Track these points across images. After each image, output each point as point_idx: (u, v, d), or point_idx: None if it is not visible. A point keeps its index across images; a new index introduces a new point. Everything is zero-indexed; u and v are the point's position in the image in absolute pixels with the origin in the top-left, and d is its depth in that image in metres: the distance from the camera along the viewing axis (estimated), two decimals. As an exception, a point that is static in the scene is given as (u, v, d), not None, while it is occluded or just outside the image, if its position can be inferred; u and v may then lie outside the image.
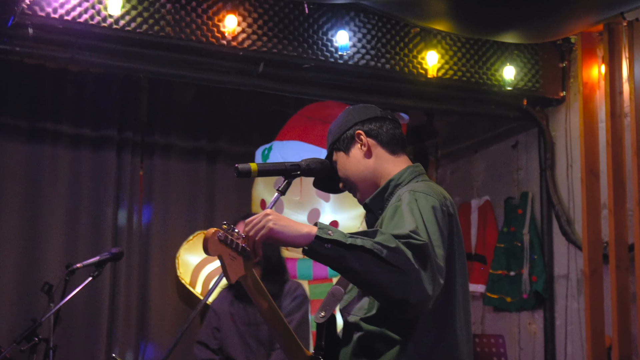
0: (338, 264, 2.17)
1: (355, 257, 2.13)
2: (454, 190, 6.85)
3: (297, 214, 5.50)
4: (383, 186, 2.53)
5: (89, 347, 5.56)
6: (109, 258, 4.39)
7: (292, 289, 4.34)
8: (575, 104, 5.69)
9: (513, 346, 6.10)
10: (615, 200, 5.08)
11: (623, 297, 4.99)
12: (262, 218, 2.25)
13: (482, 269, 6.33)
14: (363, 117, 2.62)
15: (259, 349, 4.32)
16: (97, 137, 5.83)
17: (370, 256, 2.12)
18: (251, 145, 6.01)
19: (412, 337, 2.29)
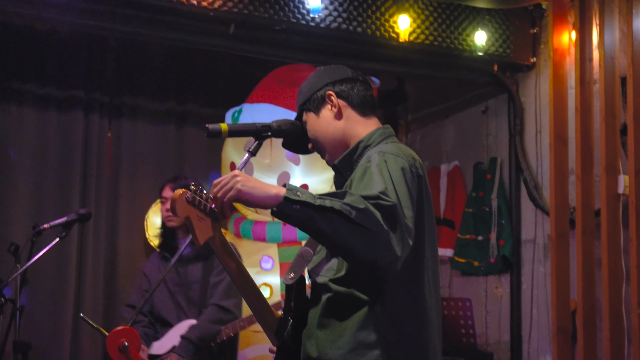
0: (307, 225, 2.16)
1: (324, 218, 2.12)
2: (423, 154, 6.87)
3: (266, 177, 5.48)
4: (352, 147, 2.52)
5: (56, 308, 5.54)
6: (76, 219, 4.36)
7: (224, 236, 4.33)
8: (545, 70, 5.71)
9: (480, 309, 6.17)
10: (582, 167, 5.12)
11: (588, 262, 5.05)
12: (230, 179, 2.24)
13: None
14: (334, 78, 2.60)
15: (190, 308, 4.36)
16: (64, 97, 5.75)
17: (339, 217, 2.11)
18: (221, 107, 5.96)
19: (381, 297, 2.30)
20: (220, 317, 4.24)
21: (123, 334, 2.38)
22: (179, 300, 4.40)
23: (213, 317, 4.23)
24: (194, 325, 4.25)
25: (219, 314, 4.25)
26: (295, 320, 2.44)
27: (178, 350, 4.17)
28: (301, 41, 5.25)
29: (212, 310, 4.27)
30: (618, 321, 4.84)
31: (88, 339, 5.58)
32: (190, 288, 4.40)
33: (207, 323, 4.23)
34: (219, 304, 4.28)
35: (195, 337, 4.18)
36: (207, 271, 4.39)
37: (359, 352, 2.28)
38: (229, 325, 4.20)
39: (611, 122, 4.96)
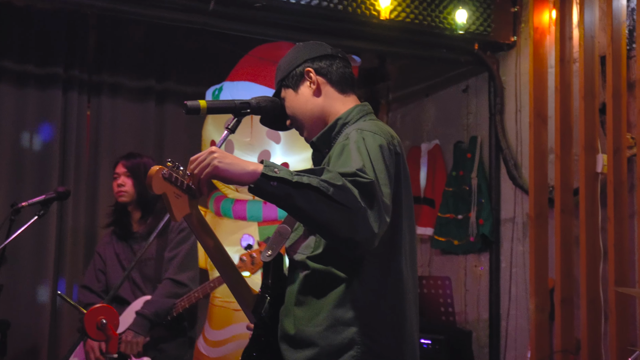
0: (284, 202, 2.16)
1: (301, 195, 2.12)
2: (404, 133, 6.88)
3: (247, 155, 5.47)
4: (330, 124, 2.51)
5: (35, 286, 5.52)
6: (55, 197, 4.33)
7: (178, 223, 4.33)
8: (525, 49, 5.72)
9: (459, 288, 6.21)
10: (562, 145, 5.14)
11: (567, 241, 5.09)
12: (207, 156, 2.23)
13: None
14: (313, 55, 2.59)
15: (146, 284, 4.36)
16: (43, 74, 5.70)
17: (316, 194, 2.11)
18: (201, 85, 5.93)
19: (358, 275, 2.31)
20: (175, 291, 4.23)
21: (101, 311, 2.38)
22: (134, 278, 4.39)
23: (167, 292, 4.22)
24: (148, 301, 4.23)
25: (174, 288, 4.24)
26: (272, 297, 2.44)
27: (133, 327, 4.15)
28: (281, 18, 5.23)
29: (166, 284, 4.26)
30: (595, 299, 4.89)
31: (67, 317, 5.57)
32: (145, 265, 4.40)
33: (162, 298, 4.21)
34: (173, 278, 4.27)
35: (149, 312, 4.16)
36: (162, 247, 4.38)
37: (336, 329, 2.29)
38: (184, 298, 4.20)
39: (590, 101, 4.99)
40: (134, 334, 4.13)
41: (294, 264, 2.43)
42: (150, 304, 4.20)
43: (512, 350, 5.69)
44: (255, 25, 5.28)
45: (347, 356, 2.28)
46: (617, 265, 4.70)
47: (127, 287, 4.40)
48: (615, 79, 4.81)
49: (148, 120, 6.07)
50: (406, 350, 2.37)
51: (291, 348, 2.36)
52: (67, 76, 5.77)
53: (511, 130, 5.86)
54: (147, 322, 4.15)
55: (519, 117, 5.79)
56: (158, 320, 4.18)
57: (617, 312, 4.66)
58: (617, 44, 4.83)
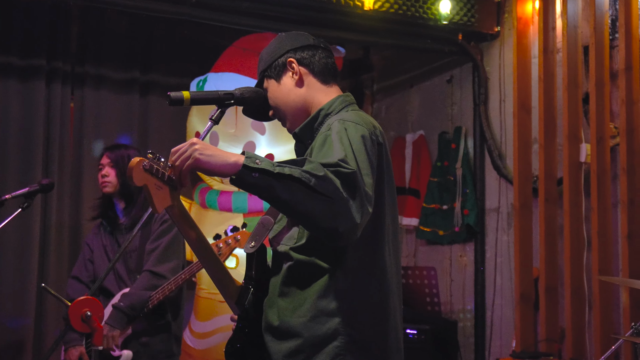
0: (266, 193, 2.15)
1: (283, 186, 2.12)
2: (389, 124, 6.88)
3: (232, 146, 5.46)
4: (313, 115, 2.51)
5: (20, 278, 5.49)
6: (39, 189, 4.29)
7: (161, 215, 4.31)
8: (509, 39, 5.73)
9: (444, 278, 6.23)
10: (545, 135, 5.16)
11: (551, 230, 5.12)
12: (189, 147, 2.22)
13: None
14: (295, 45, 2.58)
15: (130, 277, 4.35)
16: (25, 66, 5.66)
17: (298, 185, 2.11)
18: (186, 77, 5.91)
19: (341, 266, 2.31)
20: (153, 283, 4.20)
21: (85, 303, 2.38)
22: (119, 270, 4.37)
23: (145, 284, 4.20)
24: (125, 294, 4.21)
25: (152, 280, 4.21)
26: (256, 288, 2.44)
27: (109, 320, 4.12)
28: (266, 9, 5.22)
29: (144, 276, 4.24)
30: (579, 288, 4.92)
31: (52, 309, 5.55)
32: (129, 256, 4.38)
33: (138, 290, 4.19)
34: (152, 270, 4.24)
35: (125, 305, 4.14)
36: (145, 239, 4.36)
37: (320, 320, 2.29)
38: (159, 290, 4.18)
39: (574, 91, 5.01)
40: (109, 327, 4.11)
41: (277, 255, 2.42)
42: (126, 296, 4.18)
43: (497, 340, 5.72)
44: (239, 16, 5.27)
45: (331, 347, 2.28)
46: (600, 254, 4.73)
47: (113, 279, 4.38)
48: (598, 69, 4.83)
49: (132, 111, 6.04)
50: (390, 340, 2.37)
51: (275, 339, 2.36)
52: (50, 68, 5.73)
53: (495, 120, 5.87)
54: (123, 315, 4.12)
55: (503, 108, 5.80)
56: (134, 313, 4.15)
57: (601, 301, 4.69)
58: (600, 34, 4.85)
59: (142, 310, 4.15)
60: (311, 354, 2.29)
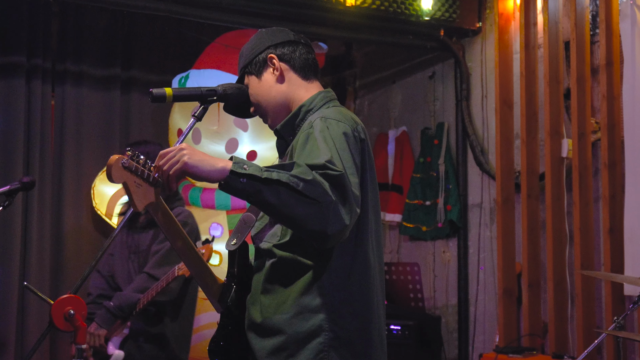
0: (254, 198, 2.15)
1: (271, 190, 2.12)
2: (371, 120, 6.89)
3: (215, 144, 5.44)
4: (294, 112, 2.51)
5: (1, 277, 5.45)
6: (20, 187, 4.25)
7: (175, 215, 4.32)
8: (491, 35, 5.75)
9: (428, 274, 6.25)
10: (527, 131, 5.18)
11: (533, 225, 5.14)
12: (177, 152, 2.22)
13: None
14: (276, 41, 2.58)
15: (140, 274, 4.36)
16: (5, 63, 5.60)
17: (286, 189, 2.11)
18: (167, 73, 5.88)
19: (325, 262, 2.31)
20: (147, 285, 4.20)
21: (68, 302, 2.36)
22: (131, 268, 4.38)
23: (139, 286, 4.20)
24: (117, 294, 4.22)
25: (147, 283, 4.21)
26: (238, 286, 2.43)
27: (97, 319, 4.14)
28: (247, 5, 5.21)
29: (141, 278, 4.25)
30: (562, 283, 4.94)
31: (35, 308, 5.51)
32: (141, 256, 4.38)
33: (130, 292, 4.19)
34: (149, 272, 4.24)
35: (113, 306, 4.14)
36: (155, 239, 4.36)
37: (304, 317, 2.29)
38: (146, 293, 4.18)
39: (555, 87, 5.03)
40: (96, 326, 4.11)
41: (260, 252, 2.42)
42: (118, 297, 4.18)
43: (480, 335, 5.75)
44: (221, 12, 5.25)
45: (314, 343, 2.28)
46: (583, 249, 4.76)
47: (126, 277, 4.38)
48: (579, 65, 4.86)
49: (114, 109, 6.00)
50: (373, 336, 2.38)
51: (258, 336, 2.36)
52: (30, 65, 5.68)
53: (477, 116, 5.89)
54: (110, 315, 4.12)
55: (485, 103, 5.82)
56: (122, 314, 4.14)
57: (583, 295, 4.72)
58: (581, 30, 4.88)
59: (131, 312, 4.14)
60: (295, 351, 2.29)
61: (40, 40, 5.73)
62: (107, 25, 6.00)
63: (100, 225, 5.83)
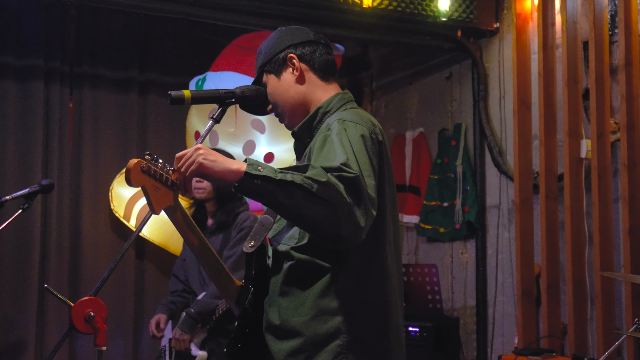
0: (268, 199, 2.15)
1: (285, 192, 2.11)
2: (388, 122, 6.87)
3: (232, 145, 5.45)
4: (311, 114, 2.50)
5: (21, 280, 5.48)
6: (39, 190, 4.29)
7: (241, 221, 4.42)
8: (508, 35, 5.72)
9: (446, 275, 6.22)
10: (546, 131, 5.15)
11: (552, 226, 5.11)
12: (193, 152, 2.22)
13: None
14: (296, 40, 2.56)
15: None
16: (23, 66, 5.64)
17: (300, 191, 2.10)
18: (184, 76, 5.89)
19: (343, 265, 2.30)
20: None
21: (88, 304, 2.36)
22: (203, 273, 4.44)
23: (215, 292, 4.27)
24: (197, 300, 4.35)
25: None
26: (256, 288, 2.43)
27: (180, 325, 4.32)
28: (264, 7, 5.21)
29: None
30: (581, 284, 4.91)
31: (54, 310, 5.54)
32: None
33: (209, 298, 4.30)
34: None
35: (194, 312, 4.29)
36: (225, 244, 4.42)
37: (322, 319, 2.28)
38: (224, 300, 4.24)
39: (573, 87, 5.00)
40: (180, 332, 4.29)
41: (278, 255, 2.41)
42: (197, 303, 4.34)
43: (499, 337, 5.72)
44: (238, 14, 5.26)
45: (333, 345, 2.28)
46: (602, 250, 4.73)
47: (198, 281, 4.48)
48: (598, 65, 4.82)
49: (131, 111, 6.03)
50: (392, 338, 2.37)
51: (276, 338, 2.35)
52: (48, 68, 5.71)
53: (495, 117, 5.87)
54: (192, 321, 4.28)
55: (503, 104, 5.79)
56: (202, 319, 4.30)
57: (603, 297, 4.69)
58: (600, 30, 4.84)
59: (211, 317, 4.28)
60: (313, 353, 2.28)
61: (57, 43, 5.77)
62: (123, 28, 6.02)
63: (118, 227, 5.85)
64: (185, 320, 4.31)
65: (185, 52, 6.22)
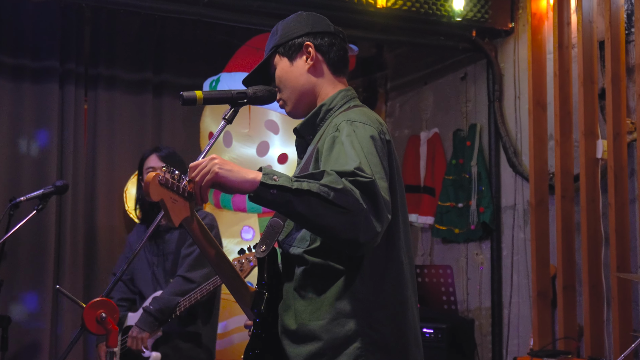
0: (285, 208, 2.14)
1: (301, 201, 2.11)
2: (403, 122, 6.85)
3: (246, 147, 5.44)
4: (314, 111, 2.48)
5: (36, 281, 5.50)
6: (53, 191, 4.30)
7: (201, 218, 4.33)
8: (523, 35, 5.69)
9: (461, 276, 6.20)
10: (561, 132, 5.12)
11: (568, 227, 5.08)
12: (209, 162, 2.20)
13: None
14: (316, 29, 2.53)
15: (166, 279, 4.38)
16: (39, 68, 5.66)
17: (316, 199, 2.10)
18: (198, 77, 5.89)
19: (357, 267, 2.29)
20: (184, 288, 4.22)
21: (100, 305, 2.36)
22: (156, 272, 4.40)
23: (176, 289, 4.23)
24: (155, 297, 4.24)
25: (183, 286, 4.23)
26: (269, 293, 2.41)
27: (138, 323, 4.17)
28: (278, 8, 5.20)
29: (176, 281, 4.27)
30: (597, 285, 4.88)
31: (69, 311, 5.55)
32: (167, 259, 4.40)
33: (169, 295, 4.22)
34: (184, 275, 4.26)
35: (154, 309, 4.16)
36: (182, 242, 4.38)
37: (339, 322, 2.27)
38: (186, 297, 4.20)
39: (589, 87, 4.96)
40: (138, 329, 4.16)
41: (290, 258, 2.39)
42: (156, 300, 4.21)
43: (514, 338, 5.69)
44: (251, 15, 5.27)
45: (351, 348, 2.26)
46: (618, 251, 4.69)
47: (149, 281, 4.42)
48: (614, 64, 4.79)
49: (145, 112, 6.03)
50: (409, 339, 2.36)
51: (293, 343, 2.33)
52: (63, 70, 5.73)
53: (510, 117, 5.84)
54: (152, 318, 4.16)
55: (518, 104, 5.77)
56: (163, 317, 4.18)
57: (620, 298, 4.65)
58: (616, 29, 4.81)
59: (171, 315, 4.19)
60: (332, 357, 2.28)
61: (73, 45, 5.78)
62: (138, 30, 6.03)
63: (132, 229, 5.85)
64: (144, 317, 4.17)
65: (200, 53, 6.23)
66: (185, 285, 4.24)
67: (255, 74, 2.60)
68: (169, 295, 4.22)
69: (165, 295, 4.23)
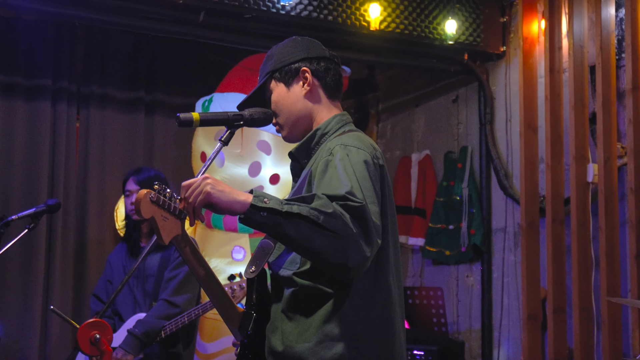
0: (274, 231, 2.14)
1: (291, 224, 2.11)
2: (394, 144, 6.87)
3: (238, 167, 5.45)
4: (309, 135, 2.49)
5: (25, 300, 5.47)
6: (45, 210, 4.29)
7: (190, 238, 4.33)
8: (515, 58, 5.73)
9: (451, 298, 6.20)
10: (552, 155, 5.15)
11: (558, 250, 5.09)
12: (201, 182, 2.20)
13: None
14: (312, 54, 2.55)
15: (146, 301, 4.37)
16: (31, 86, 5.66)
17: (306, 223, 2.10)
18: (191, 96, 5.90)
19: (346, 290, 2.30)
20: (168, 312, 4.23)
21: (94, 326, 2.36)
22: (136, 294, 4.39)
23: (160, 313, 4.22)
24: (140, 320, 4.23)
25: (167, 310, 4.23)
26: (258, 314, 2.41)
27: (123, 345, 4.16)
28: (271, 29, 5.23)
29: (160, 305, 4.27)
30: (587, 308, 4.89)
31: (57, 331, 5.52)
32: (147, 281, 4.40)
33: (153, 318, 4.21)
34: (168, 299, 4.26)
35: (140, 332, 4.16)
36: (164, 264, 4.37)
37: (326, 345, 2.27)
38: (172, 322, 4.20)
39: (580, 111, 5.00)
40: (123, 352, 4.14)
41: (279, 280, 2.40)
42: (141, 323, 4.20)
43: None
44: (245, 36, 5.28)
45: (338, 371, 2.26)
46: (609, 275, 4.71)
47: (129, 302, 4.40)
48: (605, 89, 4.83)
49: (137, 131, 6.03)
50: (396, 360, 2.36)
51: (280, 365, 2.33)
52: (55, 88, 5.72)
53: (501, 140, 5.86)
54: (138, 341, 4.15)
55: (509, 127, 5.79)
56: (148, 340, 4.18)
57: (610, 322, 4.66)
58: (607, 54, 4.85)
59: (155, 338, 4.18)
60: (318, 379, 2.27)
61: (65, 63, 5.78)
62: (131, 49, 6.04)
63: (123, 248, 5.84)
64: (130, 340, 4.15)
65: (193, 73, 6.24)
66: (169, 309, 4.24)
67: (249, 98, 2.60)
68: (153, 318, 4.22)
69: (149, 319, 4.22)
